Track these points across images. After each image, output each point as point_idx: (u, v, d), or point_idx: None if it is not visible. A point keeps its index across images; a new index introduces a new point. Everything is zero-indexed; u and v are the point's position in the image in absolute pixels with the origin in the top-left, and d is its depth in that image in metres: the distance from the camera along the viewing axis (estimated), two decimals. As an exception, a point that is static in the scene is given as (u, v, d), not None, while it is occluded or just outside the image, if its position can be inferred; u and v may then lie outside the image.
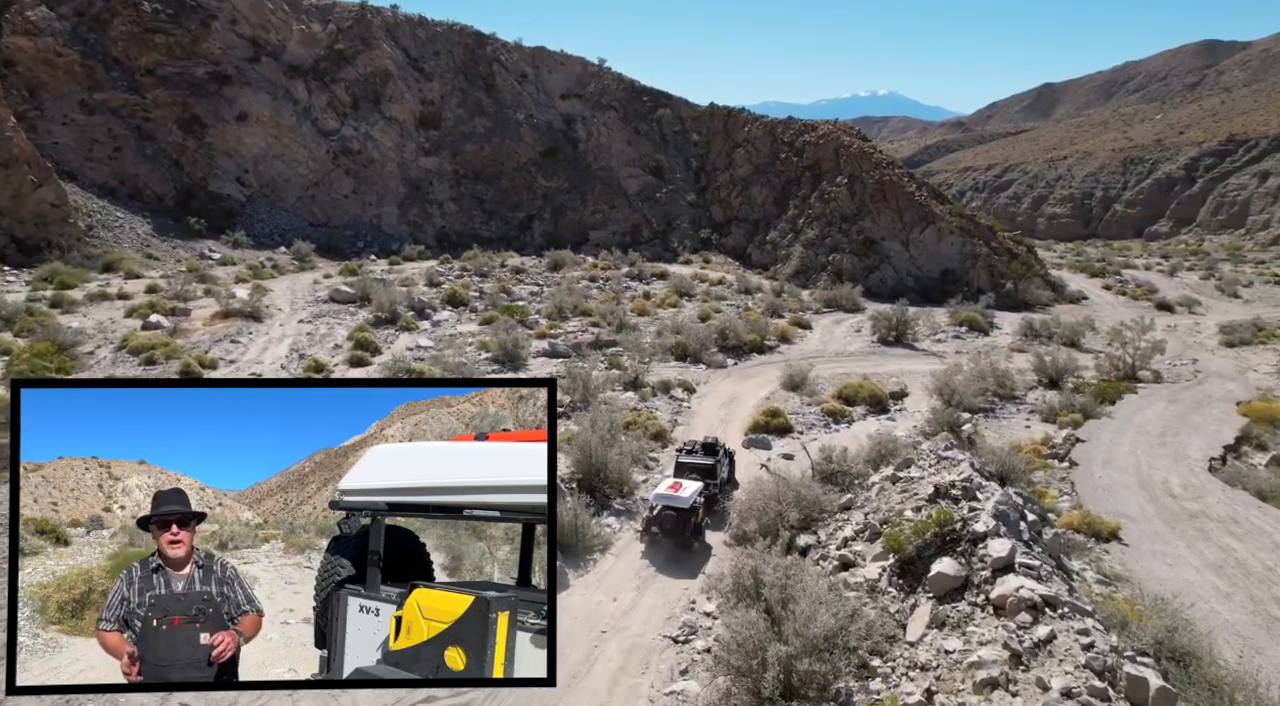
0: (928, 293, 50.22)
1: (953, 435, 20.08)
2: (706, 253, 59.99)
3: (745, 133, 64.31)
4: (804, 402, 24.38)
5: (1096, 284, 60.15)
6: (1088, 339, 37.05)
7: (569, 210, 63.69)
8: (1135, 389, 26.05)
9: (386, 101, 60.04)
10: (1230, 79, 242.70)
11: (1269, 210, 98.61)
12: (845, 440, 20.83)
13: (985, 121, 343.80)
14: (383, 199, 58.07)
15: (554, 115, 68.19)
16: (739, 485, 17.04)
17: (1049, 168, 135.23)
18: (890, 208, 52.06)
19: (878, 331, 36.03)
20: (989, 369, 26.54)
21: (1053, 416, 23.04)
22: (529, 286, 47.22)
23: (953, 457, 12.81)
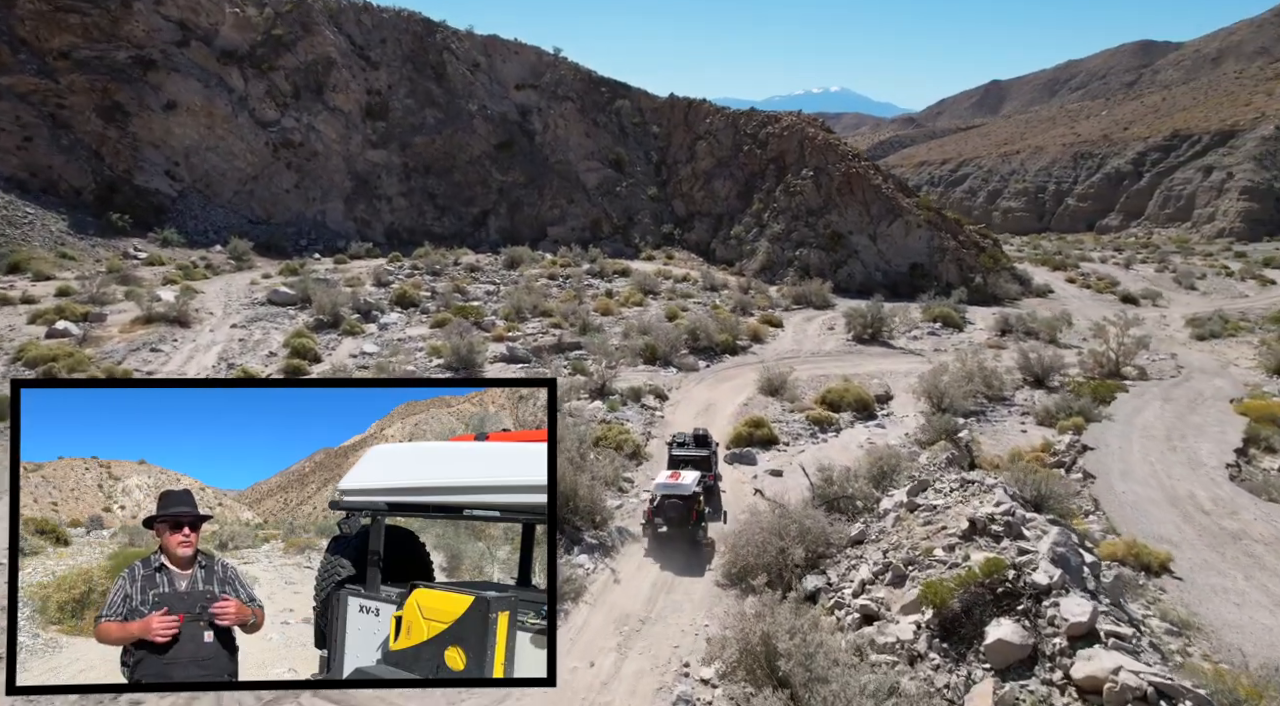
0: (896, 288, 49.14)
1: (951, 444, 18.47)
2: (669, 248, 58.12)
3: (707, 125, 62.58)
4: (786, 409, 22.60)
5: (1059, 277, 60.02)
6: (1064, 334, 36.16)
7: (526, 205, 61.18)
8: (1126, 387, 24.90)
9: (330, 91, 56.69)
10: (1166, 78, 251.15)
11: (1213, 204, 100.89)
12: (835, 451, 19.09)
13: (935, 117, 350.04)
14: (327, 194, 54.79)
15: (508, 106, 65.52)
16: (721, 476, 16.91)
17: (1003, 162, 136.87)
18: (857, 201, 50.85)
19: (852, 329, 34.56)
20: (976, 368, 25.12)
21: (1049, 419, 21.66)
22: (485, 285, 44.71)
23: (982, 482, 11.02)
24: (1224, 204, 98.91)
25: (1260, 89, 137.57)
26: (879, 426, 21.49)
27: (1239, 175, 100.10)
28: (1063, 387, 26.74)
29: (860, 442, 19.69)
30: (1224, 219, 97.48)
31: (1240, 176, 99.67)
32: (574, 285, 44.88)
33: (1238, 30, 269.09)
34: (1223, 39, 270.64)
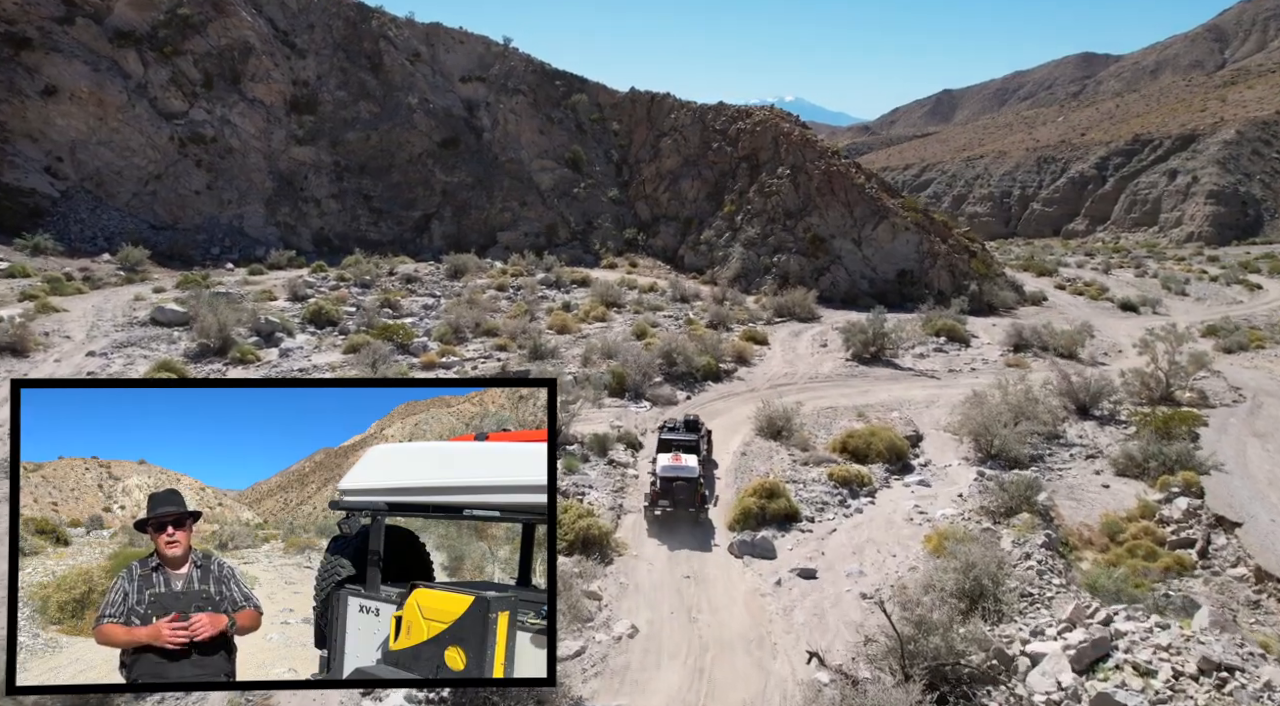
0: (884, 296, 44.62)
1: (1038, 517, 13.47)
2: (633, 255, 52.90)
3: (672, 120, 57.59)
4: (796, 460, 17.42)
5: (1047, 283, 56.44)
6: (1086, 348, 31.83)
7: (473, 208, 55.35)
8: (1204, 419, 20.30)
9: (248, 80, 50.18)
10: (1107, 88, 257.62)
11: (1180, 207, 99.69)
12: (879, 530, 13.94)
13: (890, 126, 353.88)
14: (245, 196, 48.23)
15: (453, 100, 59.66)
16: (716, 465, 17.08)
17: (966, 166, 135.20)
18: (839, 202, 46.28)
19: (851, 347, 29.66)
20: (1023, 398, 20.31)
21: (1134, 468, 16.86)
22: (422, 298, 38.86)
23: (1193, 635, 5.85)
24: (1191, 208, 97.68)
25: (1213, 95, 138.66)
26: (921, 483, 16.41)
27: (1204, 179, 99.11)
28: (1114, 417, 22.17)
29: (908, 514, 14.58)
30: (1192, 223, 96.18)
31: (1205, 180, 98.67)
32: (526, 297, 39.28)
33: (1172, 44, 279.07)
34: (1159, 52, 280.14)
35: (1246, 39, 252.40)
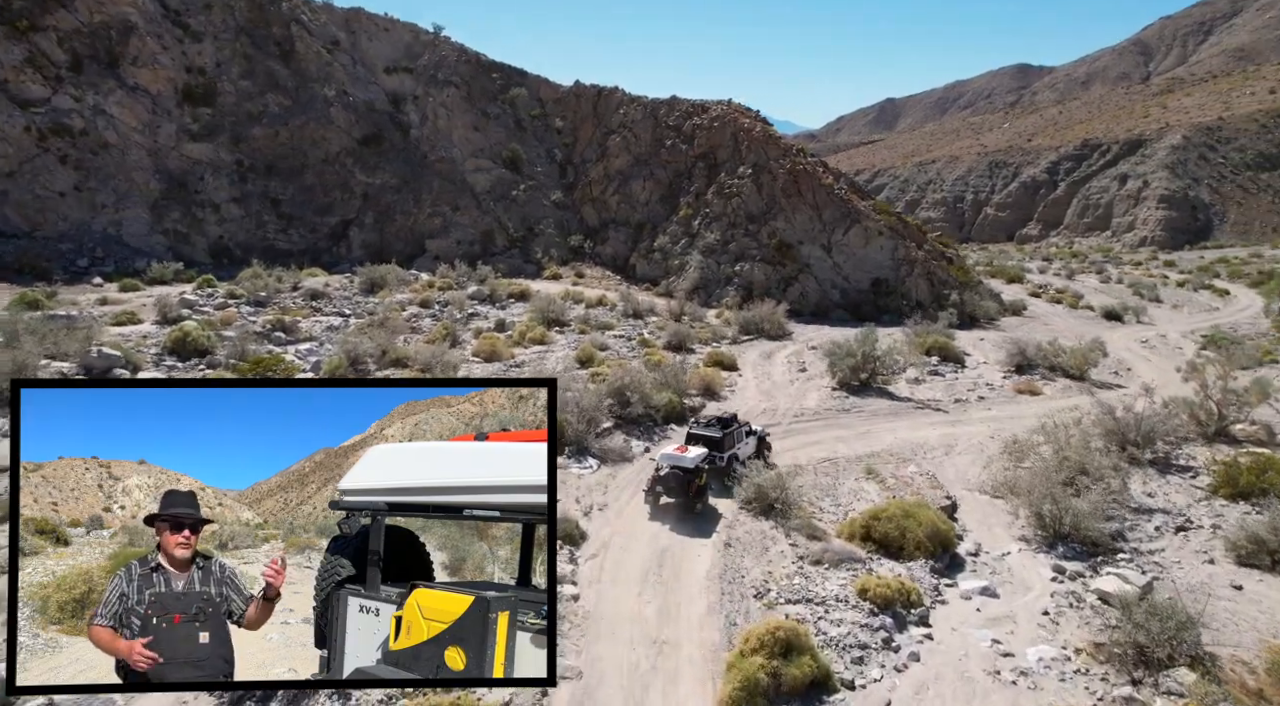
0: (858, 308, 40.35)
1: (1207, 677, 8.60)
2: (579, 264, 47.66)
3: (621, 116, 52.55)
4: (803, 557, 12.35)
5: (1018, 290, 53.20)
6: (1098, 369, 27.75)
7: (398, 213, 49.33)
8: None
9: (129, 64, 43.32)
10: (1043, 98, 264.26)
11: (1132, 212, 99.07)
12: (951, 697, 8.88)
13: (836, 133, 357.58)
14: (125, 199, 41.35)
15: (376, 93, 53.55)
16: None
17: (919, 171, 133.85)
18: (806, 204, 41.82)
19: (838, 373, 24.90)
20: (1080, 445, 15.72)
21: (1265, 556, 12.28)
22: (329, 318, 32.89)
23: None
24: (1143, 212, 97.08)
25: (1153, 102, 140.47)
26: (986, 592, 11.49)
27: (1154, 183, 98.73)
28: (1170, 462, 17.80)
29: (987, 662, 9.61)
30: (1144, 227, 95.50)
31: (1156, 185, 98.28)
32: (452, 316, 33.62)
33: (1101, 57, 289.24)
34: (1089, 64, 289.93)
35: (1168, 53, 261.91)
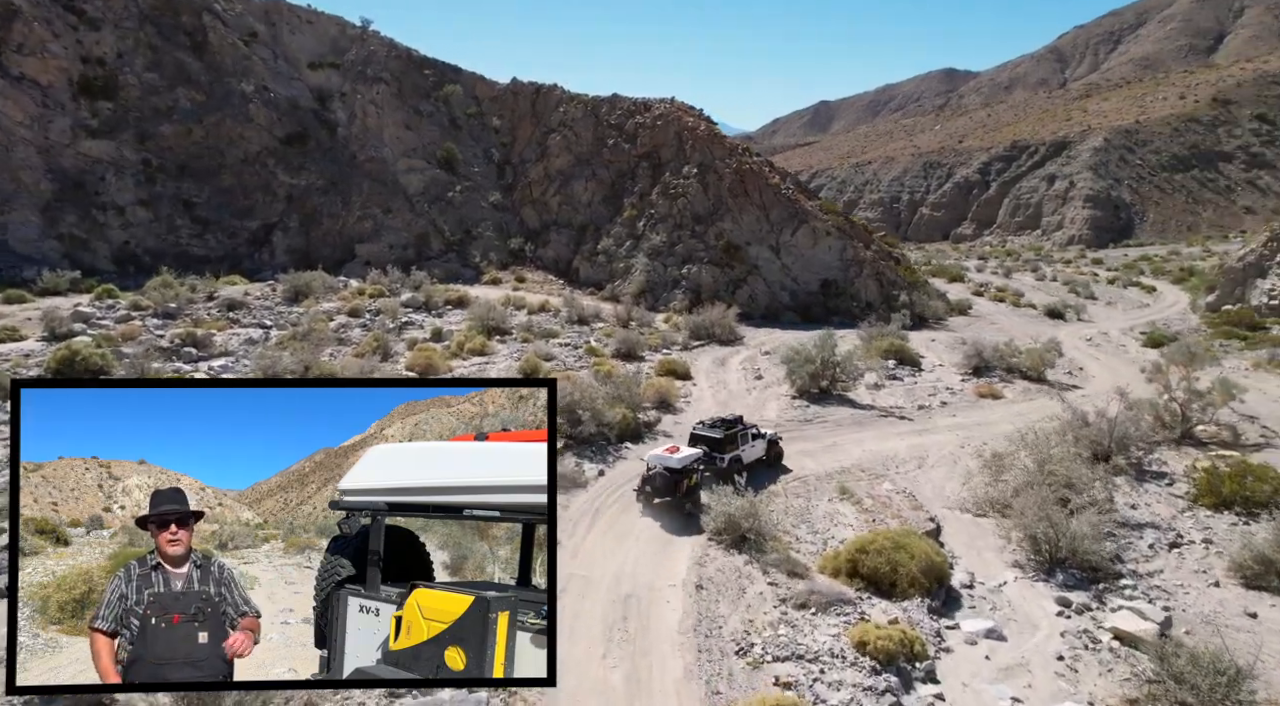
0: (808, 309, 39.58)
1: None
2: (520, 268, 45.67)
3: (560, 114, 50.76)
4: (786, 600, 10.97)
5: (961, 289, 53.53)
6: (1054, 369, 27.39)
7: (326, 216, 46.45)
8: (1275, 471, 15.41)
9: (12, 52, 39.45)
10: (969, 102, 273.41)
11: (1060, 211, 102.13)
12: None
13: (772, 136, 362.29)
14: (10, 200, 37.58)
15: (300, 89, 50.46)
16: None
17: (855, 172, 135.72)
18: (754, 204, 40.86)
19: (797, 380, 23.77)
20: (1060, 458, 14.84)
21: (1274, 577, 11.44)
22: (248, 330, 30.23)
23: None
24: (1070, 211, 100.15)
25: (1075, 106, 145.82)
26: (992, 633, 10.30)
27: (1080, 184, 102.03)
28: (1142, 468, 17.16)
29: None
30: (1072, 226, 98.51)
31: (1081, 185, 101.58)
32: (384, 325, 31.35)
33: (1021, 63, 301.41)
34: (1011, 70, 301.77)
35: (1082, 61, 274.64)
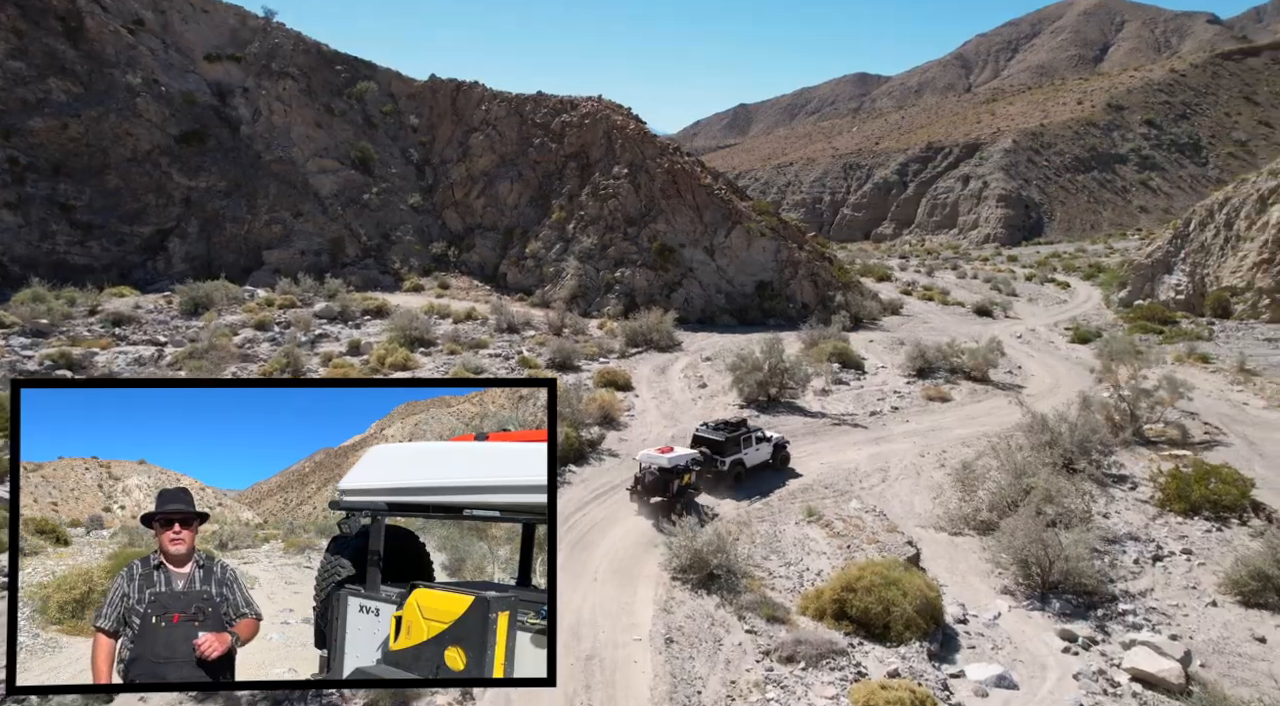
0: (744, 312, 38.81)
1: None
2: (443, 274, 43.30)
3: (483, 113, 48.55)
4: (770, 652, 9.73)
5: (890, 288, 54.04)
6: (997, 369, 27.22)
7: (229, 221, 42.91)
8: (1250, 480, 15.10)
9: None
10: (882, 105, 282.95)
11: (975, 211, 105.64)
12: None
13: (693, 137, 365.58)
14: None
15: (196, 83, 46.58)
16: None
17: (778, 174, 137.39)
18: (687, 205, 39.80)
19: (744, 388, 22.67)
20: (1031, 463, 14.10)
21: (1271, 592, 10.82)
22: (137, 348, 27.13)
23: None
24: (984, 211, 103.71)
25: (984, 109, 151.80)
26: (1003, 681, 9.24)
27: (993, 184, 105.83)
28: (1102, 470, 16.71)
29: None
30: (986, 225, 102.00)
31: (994, 185, 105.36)
32: (296, 338, 28.70)
33: (929, 69, 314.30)
34: (920, 75, 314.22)
35: (985, 67, 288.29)
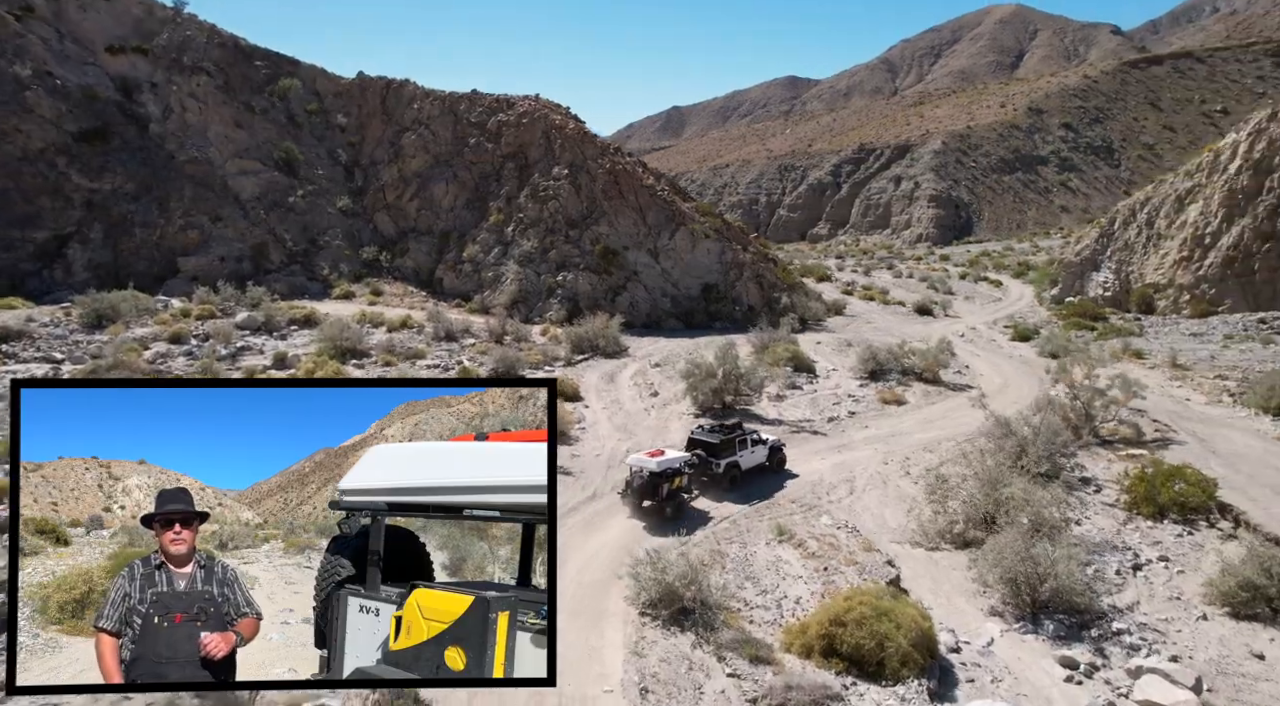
0: (690, 315, 38.11)
1: None
2: (375, 280, 41.23)
3: (415, 112, 46.56)
4: (750, 701, 8.76)
5: (831, 289, 54.29)
6: (948, 369, 27.14)
7: (139, 225, 39.85)
8: (1214, 481, 14.99)
9: None
10: (812, 107, 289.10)
11: (907, 211, 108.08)
12: None
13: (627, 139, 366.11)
14: None
15: (98, 77, 43.20)
16: None
17: (714, 175, 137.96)
18: (630, 206, 38.87)
19: (698, 396, 21.83)
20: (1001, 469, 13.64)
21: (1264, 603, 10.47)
22: (28, 365, 24.55)
23: None
24: (917, 211, 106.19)
25: (912, 112, 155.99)
26: (1003, 720, 8.52)
27: (924, 185, 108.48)
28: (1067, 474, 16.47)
29: None
30: (919, 225, 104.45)
31: (925, 186, 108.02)
32: (215, 351, 26.51)
33: (857, 72, 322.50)
34: (848, 78, 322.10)
35: (910, 72, 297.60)
